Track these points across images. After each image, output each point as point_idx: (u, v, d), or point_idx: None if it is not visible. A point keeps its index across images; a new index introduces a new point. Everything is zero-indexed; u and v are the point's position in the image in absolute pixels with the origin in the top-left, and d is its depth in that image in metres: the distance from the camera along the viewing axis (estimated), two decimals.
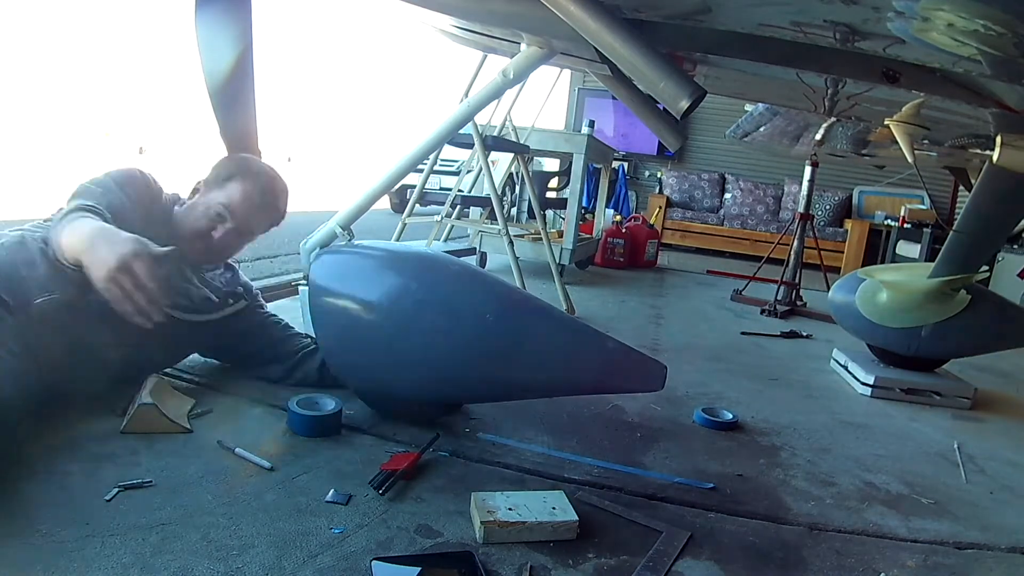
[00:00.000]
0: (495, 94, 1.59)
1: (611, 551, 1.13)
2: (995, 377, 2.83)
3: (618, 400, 1.90)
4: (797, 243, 3.92)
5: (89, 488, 1.11)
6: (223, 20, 1.66)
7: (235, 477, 1.23)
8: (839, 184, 7.45)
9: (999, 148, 1.74)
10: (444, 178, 7.59)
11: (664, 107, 1.13)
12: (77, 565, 0.93)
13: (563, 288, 3.10)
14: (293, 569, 0.98)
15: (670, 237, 7.15)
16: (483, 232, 3.74)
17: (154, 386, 1.42)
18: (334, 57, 40.83)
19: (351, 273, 1.45)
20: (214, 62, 1.70)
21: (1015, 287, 4.56)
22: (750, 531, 1.27)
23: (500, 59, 1.92)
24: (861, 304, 2.43)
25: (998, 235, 2.30)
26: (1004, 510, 1.50)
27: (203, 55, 1.70)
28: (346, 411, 1.58)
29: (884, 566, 1.19)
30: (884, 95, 1.66)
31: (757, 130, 3.16)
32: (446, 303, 1.32)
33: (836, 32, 1.08)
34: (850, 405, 2.21)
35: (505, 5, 1.37)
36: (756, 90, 2.25)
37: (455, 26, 1.77)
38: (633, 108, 2.18)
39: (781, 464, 1.61)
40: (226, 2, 1.67)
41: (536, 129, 3.96)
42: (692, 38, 1.37)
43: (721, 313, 3.73)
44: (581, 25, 1.07)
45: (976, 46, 1.00)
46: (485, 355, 1.30)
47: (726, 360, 2.61)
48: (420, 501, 1.22)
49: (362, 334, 1.39)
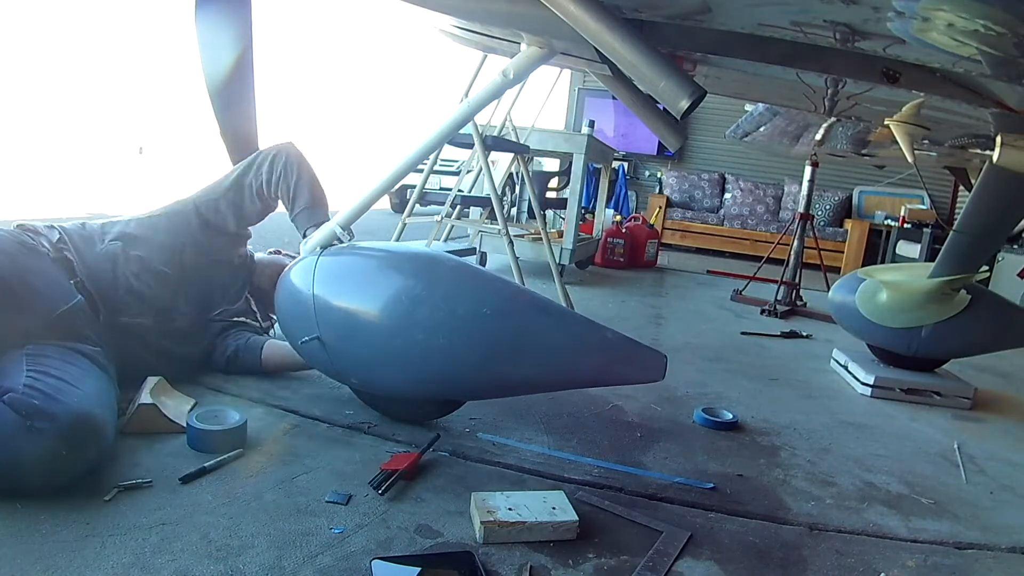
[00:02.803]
0: (495, 94, 1.59)
1: (611, 551, 1.13)
2: (995, 377, 2.83)
3: (618, 400, 1.90)
4: (797, 243, 3.92)
5: (89, 488, 1.11)
6: (223, 20, 1.67)
7: (235, 477, 1.23)
8: (839, 184, 7.45)
9: (999, 148, 1.74)
10: (444, 178, 7.59)
11: (664, 107, 1.13)
12: (77, 565, 0.93)
13: (563, 288, 3.10)
14: (293, 569, 0.98)
15: (670, 237, 7.15)
16: (483, 232, 3.74)
17: (154, 386, 1.42)
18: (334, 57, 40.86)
19: (351, 273, 1.45)
20: (214, 62, 1.70)
21: (1015, 287, 4.55)
22: (750, 531, 1.27)
23: (500, 59, 1.92)
24: (861, 304, 2.43)
25: (998, 235, 2.30)
26: (1004, 510, 1.50)
27: (203, 55, 1.70)
28: (346, 411, 1.58)
29: (884, 566, 1.19)
30: (884, 95, 1.66)
31: (757, 130, 3.16)
32: (444, 299, 1.32)
33: (836, 32, 1.08)
34: (850, 405, 2.21)
35: (505, 5, 1.37)
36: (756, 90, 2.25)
37: (455, 26, 1.77)
38: (633, 108, 2.18)
39: (781, 464, 1.61)
40: (226, 2, 1.67)
41: (536, 129, 3.96)
42: (692, 38, 1.37)
43: (721, 313, 3.73)
44: (581, 25, 1.07)
45: (976, 46, 1.00)
46: (484, 350, 1.30)
47: (726, 360, 2.61)
48: (420, 501, 1.22)
49: (362, 333, 1.39)
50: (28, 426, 1.06)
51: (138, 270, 1.59)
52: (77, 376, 1.21)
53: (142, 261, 1.60)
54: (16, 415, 1.06)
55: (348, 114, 30.44)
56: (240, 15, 1.69)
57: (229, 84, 1.73)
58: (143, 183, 8.38)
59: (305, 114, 20.70)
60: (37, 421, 1.07)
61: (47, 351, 1.24)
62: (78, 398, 1.14)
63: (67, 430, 1.08)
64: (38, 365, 1.18)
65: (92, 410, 1.15)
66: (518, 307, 1.33)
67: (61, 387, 1.14)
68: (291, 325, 1.51)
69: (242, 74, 1.72)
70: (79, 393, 1.16)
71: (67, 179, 7.55)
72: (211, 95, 1.74)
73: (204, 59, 1.71)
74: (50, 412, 1.08)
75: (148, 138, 15.14)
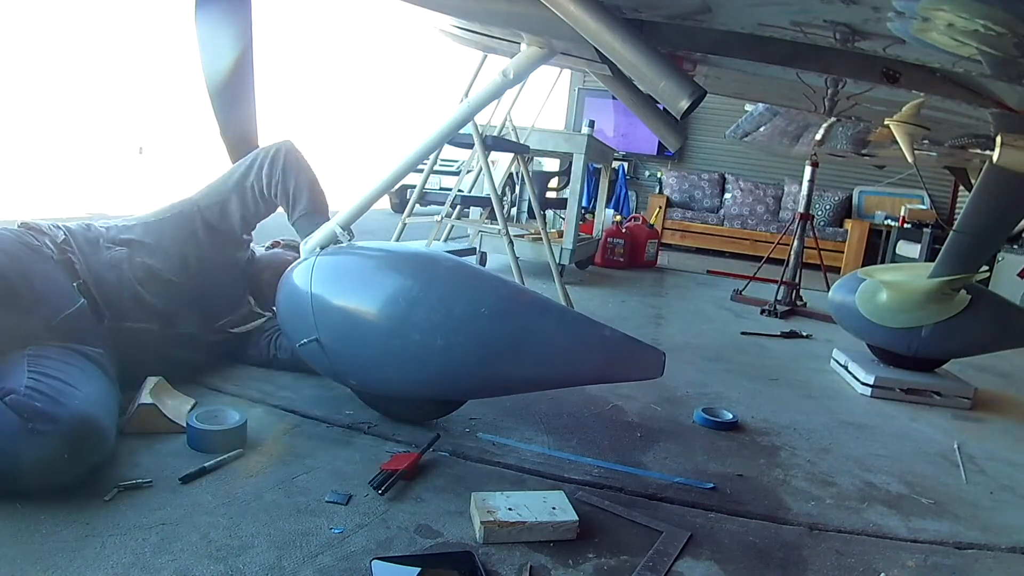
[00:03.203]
0: (495, 94, 1.59)
1: (611, 551, 1.13)
2: (995, 377, 2.83)
3: (618, 400, 1.90)
4: (797, 243, 3.92)
5: (89, 488, 1.11)
6: (223, 20, 1.67)
7: (235, 477, 1.23)
8: (839, 184, 7.45)
9: (999, 148, 1.74)
10: (444, 178, 7.59)
11: (664, 107, 1.13)
12: (77, 565, 0.93)
13: (563, 288, 3.10)
14: (293, 569, 0.98)
15: (670, 237, 7.15)
16: (483, 232, 3.74)
17: (154, 386, 1.42)
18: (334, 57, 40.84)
19: (349, 274, 1.45)
20: (214, 62, 1.70)
21: (1015, 287, 4.55)
22: (750, 531, 1.27)
23: (500, 59, 1.92)
24: (861, 304, 2.43)
25: (998, 235, 2.30)
26: (1004, 510, 1.50)
27: (203, 55, 1.70)
28: (346, 411, 1.58)
29: (884, 566, 1.19)
30: (884, 95, 1.66)
31: (757, 130, 3.16)
32: (441, 300, 1.32)
33: (836, 32, 1.08)
34: (850, 405, 2.21)
35: (505, 5, 1.37)
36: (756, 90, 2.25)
37: (455, 26, 1.77)
38: (633, 108, 2.18)
39: (781, 464, 1.61)
40: (226, 2, 1.67)
41: (536, 129, 3.96)
42: (692, 38, 1.37)
43: (721, 313, 3.73)
44: (581, 25, 1.07)
45: (976, 46, 0.99)
46: (482, 350, 1.30)
47: (726, 360, 2.61)
48: (420, 501, 1.22)
49: (360, 334, 1.39)
50: (30, 428, 1.05)
51: (143, 277, 1.57)
52: (78, 378, 1.20)
53: (148, 268, 1.59)
54: (18, 417, 1.06)
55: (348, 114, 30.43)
56: (240, 15, 1.69)
57: (229, 84, 1.73)
58: (143, 183, 8.37)
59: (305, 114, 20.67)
60: (39, 424, 1.06)
61: (48, 352, 1.24)
62: (80, 401, 1.14)
63: (69, 433, 1.08)
64: (39, 366, 1.18)
65: (94, 413, 1.14)
66: (516, 306, 1.33)
67: (63, 389, 1.14)
68: (291, 326, 1.51)
69: (242, 74, 1.72)
70: (81, 395, 1.15)
71: (67, 179, 7.54)
72: (211, 95, 1.74)
73: (204, 59, 1.71)
74: (52, 415, 1.08)
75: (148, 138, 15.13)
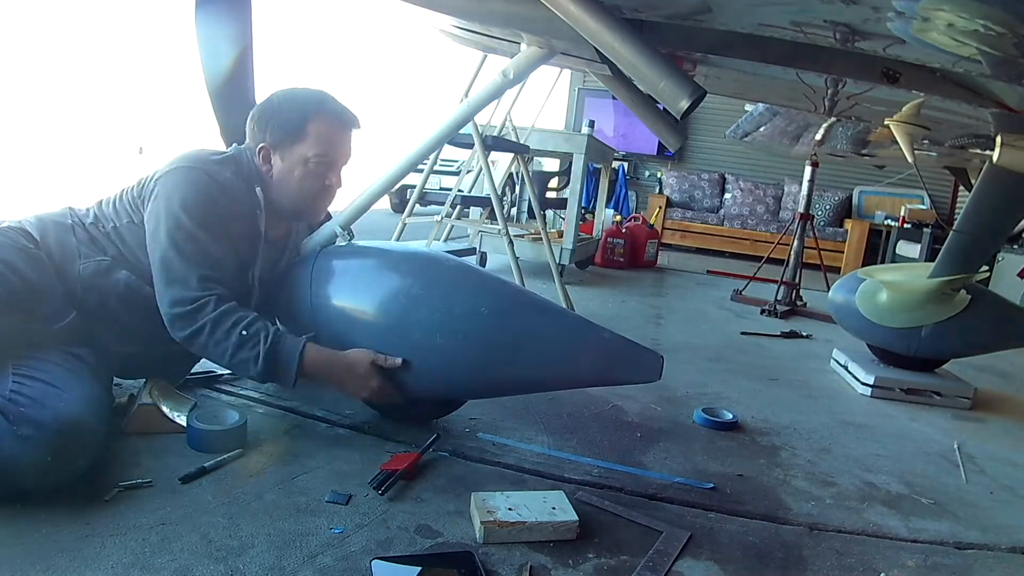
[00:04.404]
0: (495, 94, 1.59)
1: (611, 551, 1.13)
2: (995, 377, 2.83)
3: (618, 400, 1.90)
4: (797, 243, 3.92)
5: (89, 488, 1.11)
6: (223, 19, 1.66)
7: (235, 477, 1.23)
8: (839, 184, 7.45)
9: (999, 148, 1.74)
10: (444, 178, 7.59)
11: (664, 107, 1.13)
12: (77, 565, 0.93)
13: (563, 288, 3.10)
14: (293, 569, 0.98)
15: (670, 237, 7.15)
16: (483, 232, 3.74)
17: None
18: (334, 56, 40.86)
19: (350, 273, 1.45)
20: (214, 62, 1.70)
21: (1015, 287, 4.55)
22: (750, 531, 1.27)
23: (500, 59, 1.92)
24: (861, 304, 2.43)
25: (998, 235, 2.30)
26: (1004, 510, 1.50)
27: (203, 55, 1.70)
28: (346, 411, 1.58)
29: (884, 566, 1.19)
30: (884, 95, 1.66)
31: (757, 130, 3.16)
32: (441, 299, 1.32)
33: (836, 32, 1.08)
34: (850, 405, 2.21)
35: (505, 5, 1.37)
36: (756, 90, 2.25)
37: (455, 26, 1.77)
38: (633, 108, 2.17)
39: (781, 464, 1.61)
40: (226, 2, 1.67)
41: (536, 129, 3.96)
42: (692, 38, 1.37)
43: (721, 313, 3.73)
44: (581, 25, 1.07)
45: (976, 46, 0.99)
46: (481, 350, 1.30)
47: (726, 360, 2.61)
48: (420, 501, 1.22)
49: (359, 333, 1.39)
50: (15, 432, 1.04)
51: (124, 292, 1.40)
52: (66, 379, 1.17)
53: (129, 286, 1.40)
54: (5, 421, 1.05)
55: None
56: (240, 15, 1.69)
57: (229, 84, 1.73)
58: None
59: None
60: (23, 428, 1.04)
61: (37, 353, 1.20)
62: (66, 403, 1.11)
63: (54, 437, 1.06)
64: (25, 368, 1.15)
65: (81, 415, 1.11)
66: (515, 307, 1.33)
67: (48, 391, 1.11)
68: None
69: (242, 74, 1.72)
70: (67, 397, 1.12)
71: (68, 179, 7.54)
72: (211, 95, 1.74)
73: (204, 59, 1.71)
74: (36, 419, 1.06)
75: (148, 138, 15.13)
